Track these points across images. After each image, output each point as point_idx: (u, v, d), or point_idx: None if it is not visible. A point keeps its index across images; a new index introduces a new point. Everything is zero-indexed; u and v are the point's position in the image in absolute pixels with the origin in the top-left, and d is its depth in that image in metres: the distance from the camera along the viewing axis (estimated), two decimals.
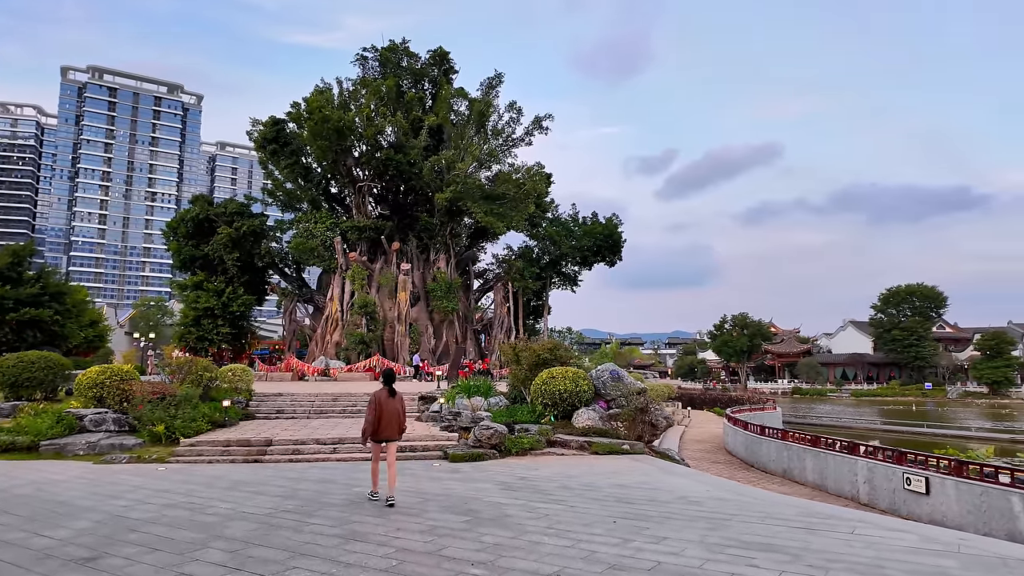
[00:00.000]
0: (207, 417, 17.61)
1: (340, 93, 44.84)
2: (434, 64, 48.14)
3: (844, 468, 16.40)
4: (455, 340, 45.63)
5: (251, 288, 47.48)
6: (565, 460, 15.52)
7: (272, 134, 46.12)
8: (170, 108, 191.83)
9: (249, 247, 45.75)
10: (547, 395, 18.47)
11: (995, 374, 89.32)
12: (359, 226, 44.36)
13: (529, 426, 17.71)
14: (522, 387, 21.07)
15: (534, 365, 20.42)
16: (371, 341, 41.53)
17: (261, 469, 13.75)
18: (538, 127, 46.25)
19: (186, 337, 43.62)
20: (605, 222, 50.57)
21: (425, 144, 43.03)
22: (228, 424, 18.39)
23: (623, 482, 12.06)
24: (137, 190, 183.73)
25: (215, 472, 13.12)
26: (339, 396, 23.67)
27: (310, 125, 41.64)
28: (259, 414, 21.17)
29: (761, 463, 21.20)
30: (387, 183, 46.24)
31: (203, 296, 43.65)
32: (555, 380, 18.51)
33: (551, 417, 18.72)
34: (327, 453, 15.56)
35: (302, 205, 49.64)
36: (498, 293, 48.62)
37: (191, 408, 17.46)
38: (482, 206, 42.12)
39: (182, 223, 46.53)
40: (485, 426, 15.84)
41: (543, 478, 12.58)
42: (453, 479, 12.47)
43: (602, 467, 14.28)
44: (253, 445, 15.75)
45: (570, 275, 51.79)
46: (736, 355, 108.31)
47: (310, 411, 21.93)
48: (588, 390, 18.60)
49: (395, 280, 43.45)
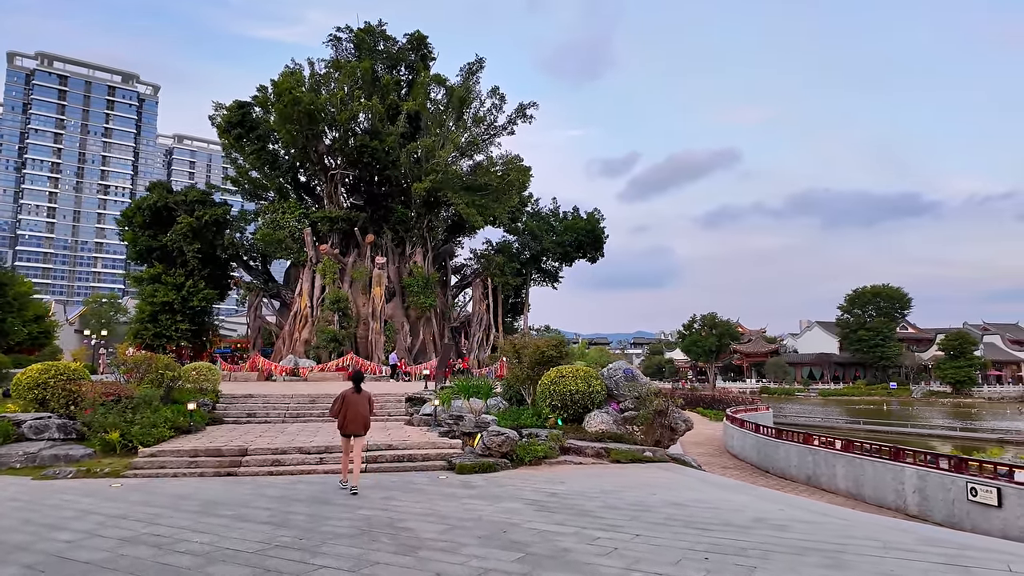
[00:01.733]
0: (170, 422, 15.34)
1: (311, 75, 42.23)
2: (411, 49, 45.88)
3: (887, 476, 14.93)
4: (432, 337, 43.49)
5: (213, 282, 44.63)
6: (586, 470, 13.72)
7: (237, 118, 43.34)
8: (125, 98, 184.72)
9: (211, 238, 42.87)
10: (556, 396, 16.62)
11: (959, 374, 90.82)
12: (331, 216, 41.85)
13: (537, 431, 15.85)
14: (522, 387, 19.19)
15: (537, 363, 18.56)
16: (344, 339, 39.18)
17: (237, 485, 11.61)
18: (522, 115, 44.24)
19: (142, 334, 40.64)
20: (587, 217, 48.95)
21: (402, 131, 40.72)
22: (194, 430, 16.14)
23: (675, 499, 10.29)
24: (89, 182, 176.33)
25: (182, 489, 10.96)
26: (316, 398, 21.47)
27: (279, 108, 39.01)
28: (228, 418, 18.89)
29: (779, 468, 19.70)
30: (361, 171, 43.73)
31: (161, 290, 40.72)
32: (565, 380, 16.66)
33: (557, 420, 16.92)
34: (312, 464, 13.48)
35: (268, 194, 46.88)
36: (477, 289, 46.54)
37: (151, 412, 15.17)
38: (463, 197, 40.02)
39: (138, 211, 43.38)
40: (495, 432, 13.92)
41: (576, 493, 10.74)
42: (471, 497, 10.54)
43: (634, 478, 12.51)
44: (225, 455, 13.58)
45: (551, 271, 50.02)
46: (705, 355, 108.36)
47: (285, 415, 19.71)
48: (601, 391, 16.83)
49: (369, 274, 41.13)
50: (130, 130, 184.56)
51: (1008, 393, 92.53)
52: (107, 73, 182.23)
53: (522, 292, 50.68)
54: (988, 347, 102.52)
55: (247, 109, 43.89)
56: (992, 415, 63.43)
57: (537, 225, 47.53)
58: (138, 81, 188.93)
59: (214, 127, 46.04)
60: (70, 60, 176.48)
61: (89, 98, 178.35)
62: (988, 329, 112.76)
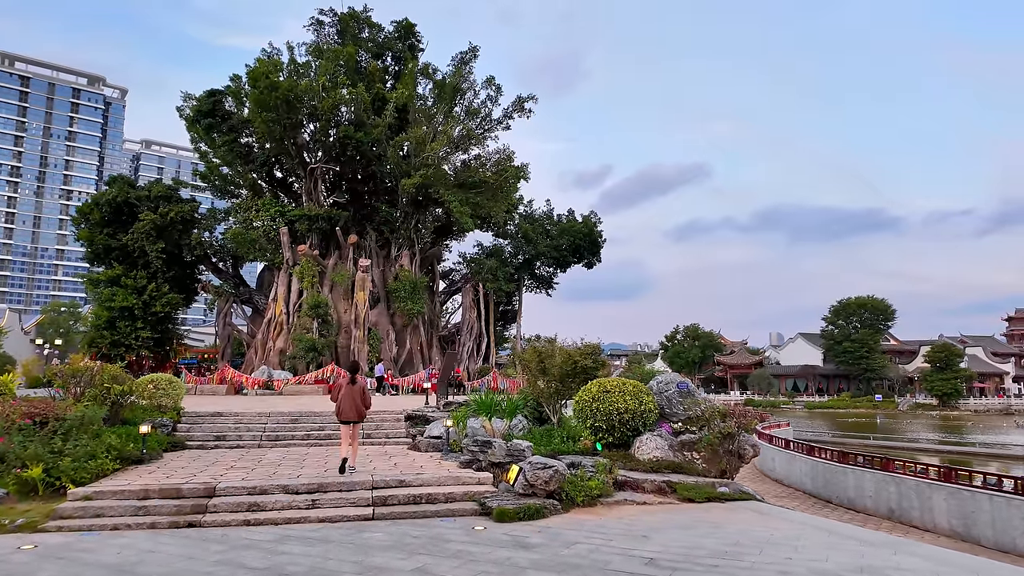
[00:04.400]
0: (115, 451, 11.95)
1: (291, 61, 38.83)
2: (399, 37, 42.76)
3: (1017, 516, 12.08)
4: (420, 347, 40.13)
5: (178, 286, 40.83)
6: (658, 514, 10.67)
7: (208, 106, 39.74)
8: (90, 101, 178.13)
9: (177, 237, 39.08)
10: (600, 416, 13.56)
11: (946, 386, 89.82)
12: (310, 215, 38.36)
13: (579, 459, 12.77)
14: (546, 404, 16.10)
15: (566, 375, 15.49)
16: (323, 348, 35.70)
17: (201, 545, 8.34)
18: (519, 109, 41.14)
19: (97, 342, 36.71)
20: (583, 220, 46.02)
21: (389, 122, 37.49)
22: (148, 459, 12.79)
23: (826, 566, 7.26)
24: (51, 187, 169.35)
25: (123, 555, 7.67)
26: (299, 416, 18.14)
27: (254, 95, 35.56)
28: (192, 441, 15.51)
29: (846, 499, 16.85)
30: (343, 167, 40.29)
31: (120, 293, 36.85)
32: (611, 396, 13.61)
33: (596, 445, 13.89)
34: (303, 508, 10.23)
35: (241, 192, 43.22)
36: (467, 295, 43.28)
37: (89, 438, 11.79)
38: (456, 194, 36.85)
39: (96, 207, 39.40)
40: (539, 464, 10.77)
41: (682, 558, 7.67)
42: (537, 567, 7.40)
43: (731, 527, 9.50)
44: (186, 496, 10.27)
45: (545, 277, 46.94)
46: (688, 366, 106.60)
47: (262, 437, 16.35)
48: (654, 409, 13.82)
49: (352, 278, 37.75)
50: (95, 134, 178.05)
51: (993, 406, 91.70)
52: (72, 75, 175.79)
53: (514, 299, 47.57)
54: (971, 359, 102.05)
55: (219, 98, 40.33)
56: (989, 428, 61.81)
57: (531, 228, 44.51)
58: (104, 84, 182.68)
59: (182, 119, 42.34)
60: (32, 61, 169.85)
61: (52, 100, 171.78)
62: (966, 342, 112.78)
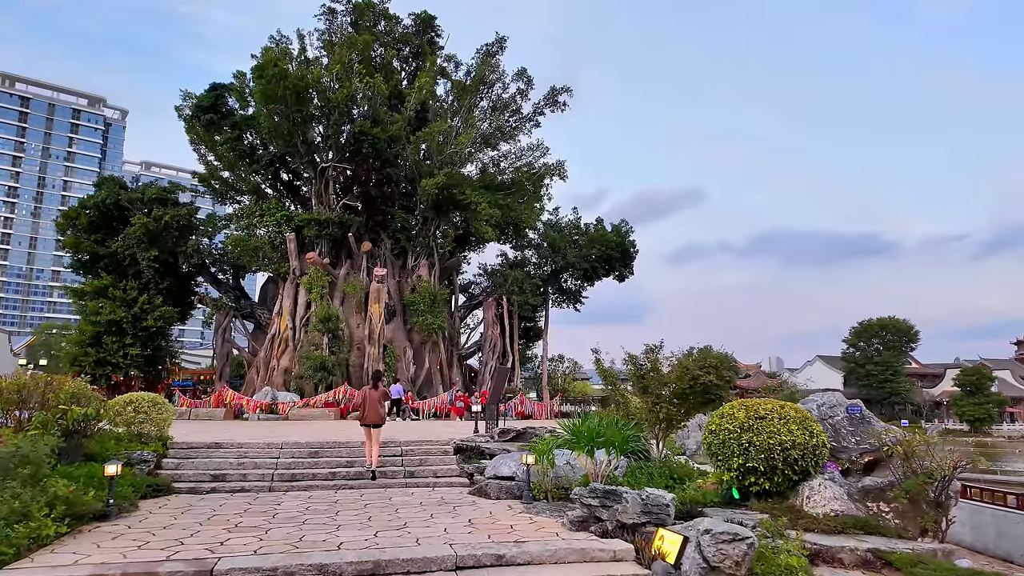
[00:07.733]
0: (65, 504, 8.02)
1: (301, 52, 35.37)
2: (417, 32, 39.38)
3: None
4: (440, 366, 36.11)
5: (172, 298, 36.92)
6: None
7: (209, 101, 36.14)
8: (90, 122, 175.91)
9: (172, 244, 35.25)
10: (754, 453, 9.55)
11: (978, 411, 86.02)
12: (319, 220, 34.56)
13: (733, 515, 8.87)
14: (651, 433, 12.18)
15: (680, 395, 11.60)
16: (334, 367, 31.73)
17: None
18: (552, 103, 37.62)
19: (81, 360, 32.73)
20: (614, 229, 42.21)
21: (410, 117, 33.89)
22: (114, 514, 8.87)
23: None
24: (48, 208, 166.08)
25: None
26: (319, 448, 14.18)
27: (261, 86, 31.96)
28: (181, 483, 11.57)
29: None
30: (356, 167, 36.58)
31: (107, 306, 32.96)
32: (767, 424, 9.59)
33: (732, 491, 10.01)
34: None
35: (243, 197, 39.54)
36: (489, 310, 39.28)
37: (25, 486, 7.85)
38: (483, 196, 33.13)
39: (83, 211, 35.60)
40: (723, 535, 6.84)
41: None
42: None
43: None
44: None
45: (573, 290, 43.03)
46: None
47: (273, 476, 12.39)
48: (825, 444, 9.84)
49: (365, 289, 33.91)
50: (95, 155, 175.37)
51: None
52: (72, 96, 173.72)
53: (538, 314, 43.60)
54: (1000, 383, 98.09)
55: (221, 92, 36.81)
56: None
57: (558, 237, 40.74)
58: (105, 105, 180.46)
59: (181, 119, 38.84)
60: (33, 82, 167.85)
61: (52, 120, 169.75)
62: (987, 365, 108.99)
